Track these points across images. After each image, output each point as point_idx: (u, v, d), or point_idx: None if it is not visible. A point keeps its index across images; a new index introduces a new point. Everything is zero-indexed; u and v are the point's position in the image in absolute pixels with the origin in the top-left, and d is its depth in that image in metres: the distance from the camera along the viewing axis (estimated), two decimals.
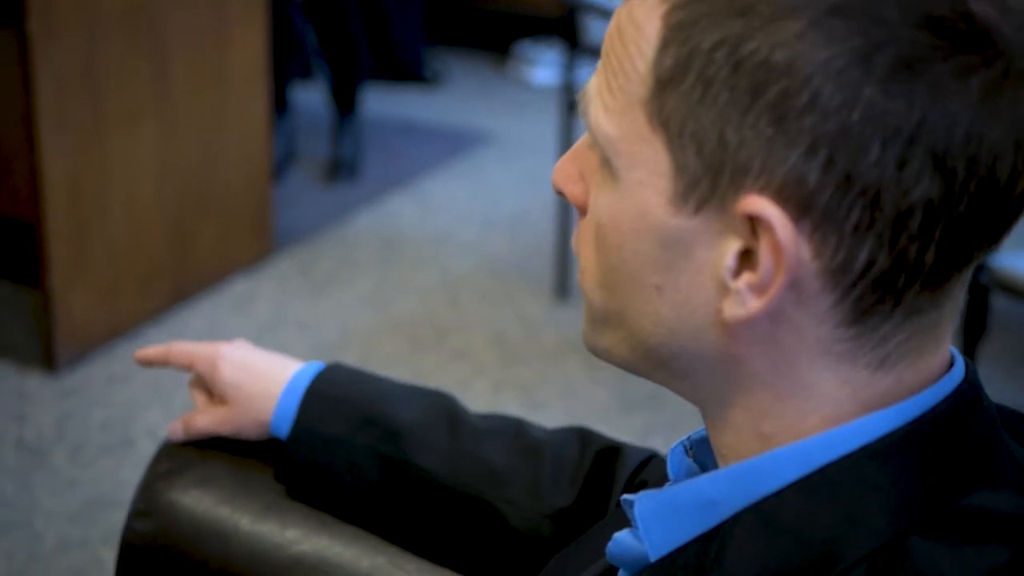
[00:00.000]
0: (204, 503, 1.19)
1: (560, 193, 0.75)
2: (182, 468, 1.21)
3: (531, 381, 2.86)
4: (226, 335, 3.00)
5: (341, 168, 3.96)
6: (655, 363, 0.72)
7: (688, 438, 0.79)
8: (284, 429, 1.15)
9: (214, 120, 3.16)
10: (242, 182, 3.29)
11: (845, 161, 0.62)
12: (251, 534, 1.17)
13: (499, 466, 1.11)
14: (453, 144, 4.34)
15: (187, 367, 1.22)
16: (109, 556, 1.54)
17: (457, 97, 4.82)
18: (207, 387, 1.21)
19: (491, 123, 4.50)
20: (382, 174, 4.03)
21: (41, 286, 2.81)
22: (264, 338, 2.97)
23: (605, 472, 1.09)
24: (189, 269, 3.16)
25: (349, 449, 1.13)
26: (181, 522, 1.19)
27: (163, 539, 1.19)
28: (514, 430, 1.13)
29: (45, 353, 2.84)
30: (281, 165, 3.89)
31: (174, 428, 1.22)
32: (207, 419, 1.19)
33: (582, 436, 1.13)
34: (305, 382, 1.15)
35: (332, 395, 1.14)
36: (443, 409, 1.14)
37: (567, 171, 0.74)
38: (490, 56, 5.30)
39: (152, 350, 1.24)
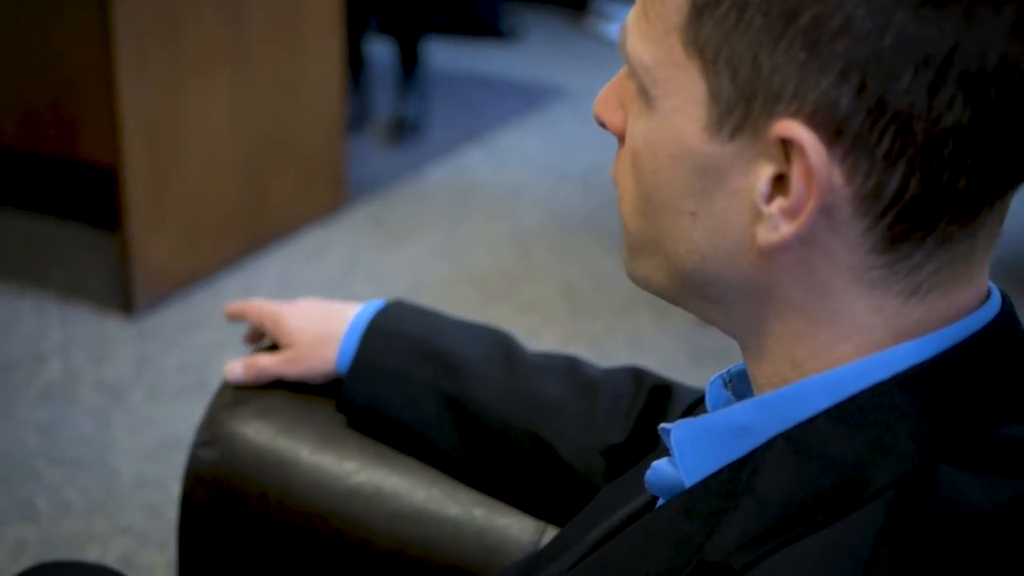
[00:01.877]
0: (265, 434, 1.22)
1: (600, 122, 0.77)
2: (245, 400, 1.25)
3: (600, 333, 2.88)
4: (299, 284, 3.06)
5: (404, 127, 3.94)
6: (690, 289, 0.73)
7: (727, 371, 0.80)
8: (346, 364, 1.18)
9: (289, 70, 3.19)
10: (316, 133, 3.33)
11: (877, 87, 0.63)
12: (310, 465, 1.21)
13: (554, 402, 1.13)
14: (528, 98, 4.35)
15: (257, 323, 1.26)
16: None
17: (533, 52, 4.83)
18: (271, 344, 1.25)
19: (566, 78, 4.50)
20: (456, 128, 4.05)
21: (120, 232, 2.87)
22: (336, 289, 3.01)
23: (658, 409, 1.10)
24: (264, 218, 3.20)
25: (407, 382, 1.16)
26: (243, 452, 1.22)
27: (226, 468, 1.23)
28: (569, 367, 1.15)
29: (124, 297, 2.90)
30: (356, 120, 3.91)
31: (232, 368, 1.25)
32: (272, 361, 1.23)
33: (636, 374, 1.14)
34: (367, 318, 1.18)
35: (392, 330, 1.17)
36: (500, 345, 1.17)
37: (606, 100, 0.76)
38: (566, 11, 5.29)
39: (235, 305, 1.29)
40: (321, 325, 1.21)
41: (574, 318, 2.95)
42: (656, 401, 1.10)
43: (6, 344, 2.76)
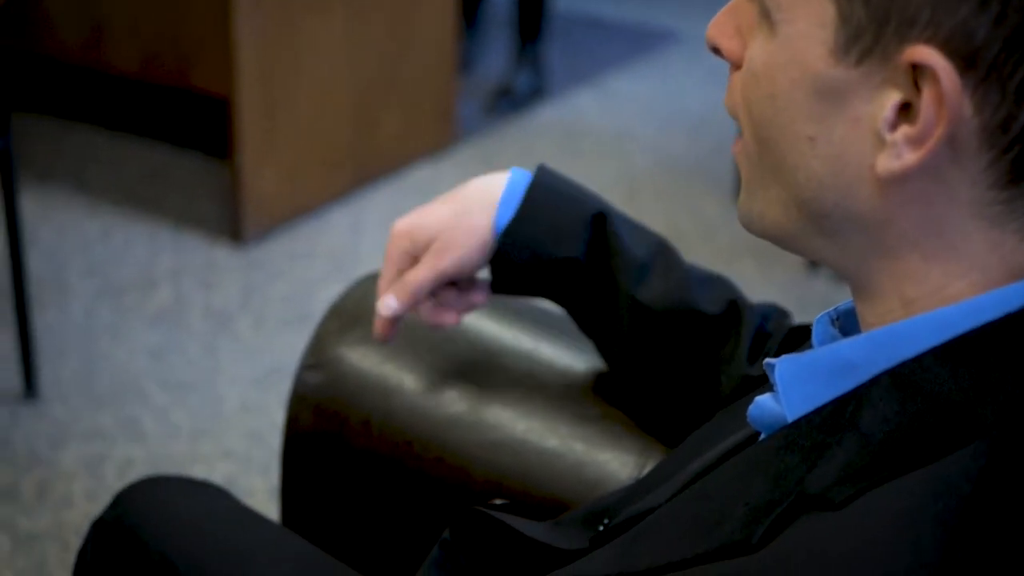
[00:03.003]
0: (370, 359, 1.24)
1: (715, 49, 0.76)
2: (350, 326, 1.26)
3: None
4: None
5: (510, 95, 3.78)
6: (806, 222, 0.72)
7: (835, 309, 0.80)
8: (506, 218, 1.13)
9: (404, 7, 3.20)
10: (428, 71, 3.34)
11: (1016, 17, 0.62)
12: (412, 391, 1.22)
13: (706, 315, 1.12)
14: (640, 42, 4.32)
15: (398, 255, 1.16)
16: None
17: None
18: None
19: (679, 22, 4.45)
20: (567, 69, 4.03)
21: (231, 162, 2.91)
22: None
23: (793, 349, 1.09)
24: (373, 153, 3.22)
25: (568, 245, 1.12)
26: (347, 377, 1.24)
27: (330, 392, 1.24)
28: (725, 287, 1.14)
29: (233, 226, 2.94)
30: (469, 61, 3.89)
31: (386, 304, 1.15)
32: (419, 268, 1.14)
33: (781, 313, 1.13)
34: (526, 176, 1.14)
35: (558, 189, 1.13)
36: (659, 239, 1.15)
37: (723, 26, 0.75)
38: None
39: (402, 299, 1.15)
40: (450, 205, 1.14)
41: None
42: (792, 342, 1.10)
43: (120, 268, 2.82)
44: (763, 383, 1.07)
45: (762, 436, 0.79)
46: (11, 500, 2.14)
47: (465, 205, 1.14)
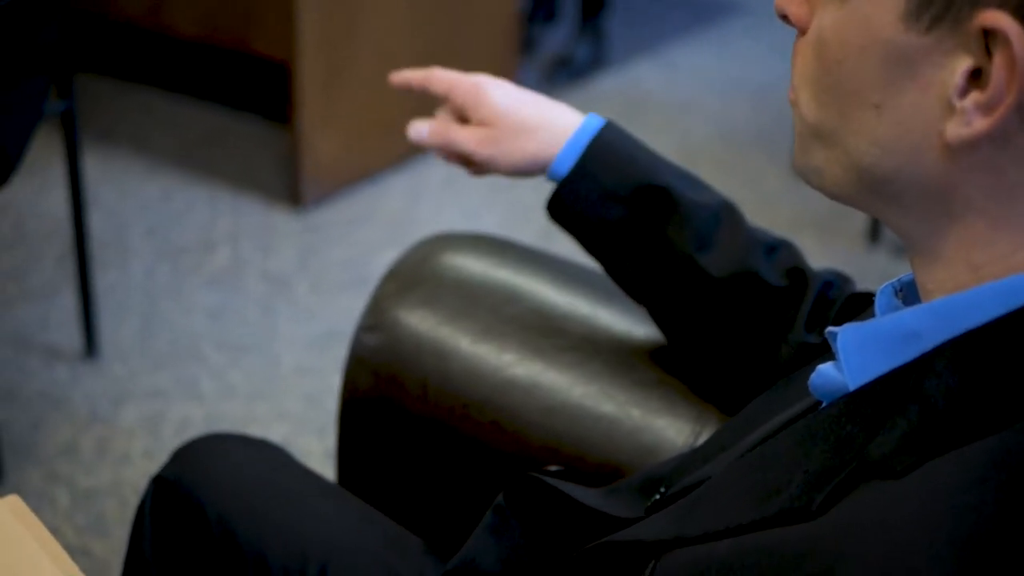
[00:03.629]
0: (427, 322, 1.24)
1: (783, 16, 0.75)
2: (408, 288, 1.27)
3: None
4: (463, 188, 3.08)
5: (570, 65, 3.75)
6: (867, 186, 0.72)
7: (899, 279, 0.79)
8: (565, 167, 1.13)
9: None
10: (489, 39, 3.33)
11: None
12: (469, 355, 1.22)
13: (766, 282, 1.11)
14: (703, 12, 4.29)
15: (444, 93, 1.18)
16: (340, 384, 1.61)
17: None
18: (462, 118, 1.18)
19: None
20: (628, 39, 4.01)
21: (291, 126, 2.92)
22: (500, 194, 3.02)
23: (853, 316, 1.08)
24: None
25: (624, 208, 1.12)
26: (404, 338, 1.24)
27: (387, 354, 1.25)
28: (789, 253, 1.13)
29: (292, 191, 2.95)
30: (532, 25, 3.88)
31: (417, 128, 1.18)
32: (465, 134, 1.15)
33: (844, 279, 1.13)
34: (592, 131, 1.14)
35: (619, 149, 1.13)
36: (724, 203, 1.14)
37: None
38: None
39: (411, 72, 1.21)
40: (531, 117, 1.14)
41: None
42: (852, 309, 1.09)
43: (180, 230, 2.84)
44: (822, 351, 1.07)
45: (823, 404, 0.79)
46: (71, 457, 2.17)
47: (541, 125, 1.13)
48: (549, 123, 1.14)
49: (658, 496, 0.89)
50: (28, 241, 2.76)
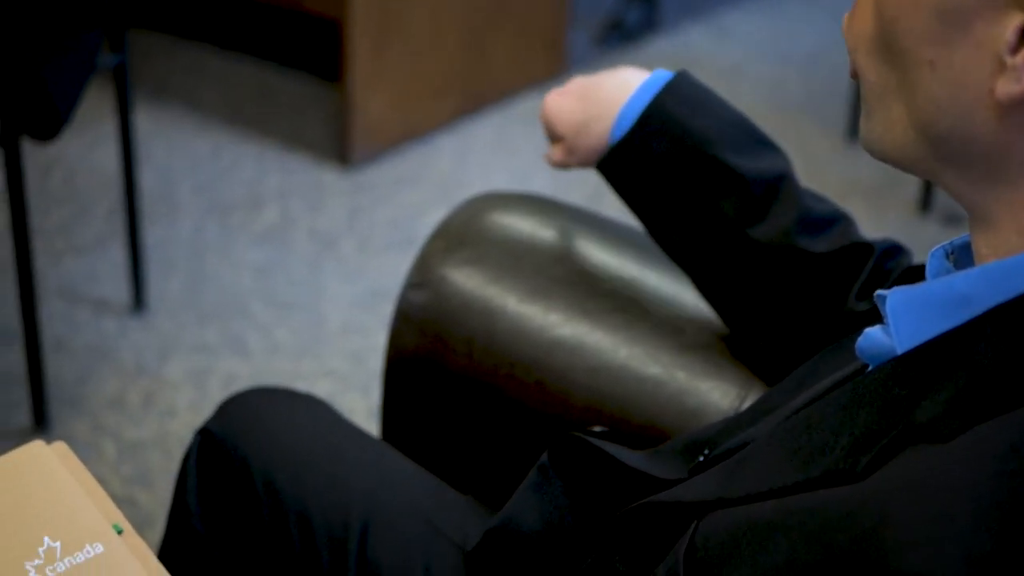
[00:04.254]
0: (474, 280, 1.24)
1: None
2: (456, 246, 1.27)
3: None
4: (514, 148, 3.07)
5: (621, 28, 3.73)
6: (924, 147, 0.71)
7: (951, 242, 0.78)
8: (620, 132, 1.14)
9: None
10: (540, 0, 3.31)
11: None
12: (516, 314, 1.22)
13: (814, 252, 1.10)
14: None
15: (550, 133, 1.22)
16: (385, 343, 1.61)
17: None
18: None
19: None
20: (680, 3, 3.98)
21: (341, 84, 2.92)
22: None
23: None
24: (482, 80, 3.22)
25: (673, 176, 1.12)
26: (451, 296, 1.24)
27: (434, 311, 1.25)
28: (843, 226, 1.13)
29: (341, 149, 2.96)
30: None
31: (549, 155, 1.22)
32: (559, 154, 1.20)
33: (902, 251, 1.12)
34: (651, 93, 1.14)
35: (675, 115, 1.13)
36: (779, 171, 1.13)
37: None
38: None
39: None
40: (581, 110, 1.17)
41: None
42: (907, 281, 1.07)
43: (228, 187, 2.85)
44: (870, 320, 1.06)
45: (870, 368, 0.78)
46: (118, 409, 2.19)
47: (594, 109, 1.16)
48: (601, 105, 1.15)
49: (701, 458, 0.89)
50: (78, 195, 2.78)
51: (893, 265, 1.10)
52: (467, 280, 1.24)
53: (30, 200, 2.31)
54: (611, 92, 1.16)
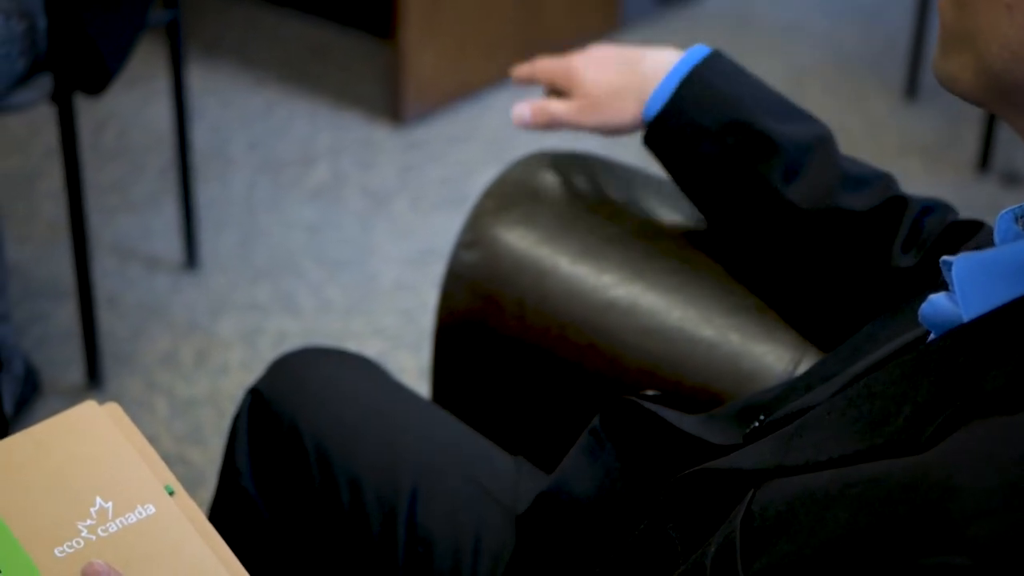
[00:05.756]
0: (526, 240, 1.23)
1: None
2: (508, 206, 1.25)
3: None
4: None
5: None
6: (998, 92, 0.70)
7: (1021, 205, 0.76)
8: (655, 110, 1.16)
9: None
10: None
11: None
12: (568, 275, 1.21)
13: (857, 210, 1.09)
14: None
15: (547, 82, 1.24)
16: (436, 301, 1.60)
17: None
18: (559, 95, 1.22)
19: None
20: None
21: (394, 41, 2.90)
22: None
23: (956, 243, 1.05)
24: (535, 37, 3.19)
25: (713, 143, 1.12)
26: (503, 256, 1.23)
27: (485, 270, 1.24)
28: (883, 182, 1.12)
29: (393, 107, 2.94)
30: None
31: (520, 112, 1.23)
32: (565, 108, 1.20)
33: (944, 208, 1.10)
34: (688, 66, 1.15)
35: (711, 84, 1.14)
36: (818, 136, 1.13)
37: None
38: None
39: (522, 68, 1.26)
40: (620, 76, 1.18)
41: None
42: (954, 236, 1.06)
43: (280, 144, 2.84)
44: (922, 279, 1.04)
45: (932, 335, 0.76)
46: (170, 366, 2.20)
47: (630, 82, 1.16)
48: (641, 77, 1.16)
49: (757, 424, 0.87)
50: (131, 152, 2.79)
51: (935, 221, 1.08)
52: (519, 240, 1.23)
53: (84, 156, 2.32)
54: (652, 64, 1.17)
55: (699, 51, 1.16)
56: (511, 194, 1.26)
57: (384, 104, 2.98)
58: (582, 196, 1.26)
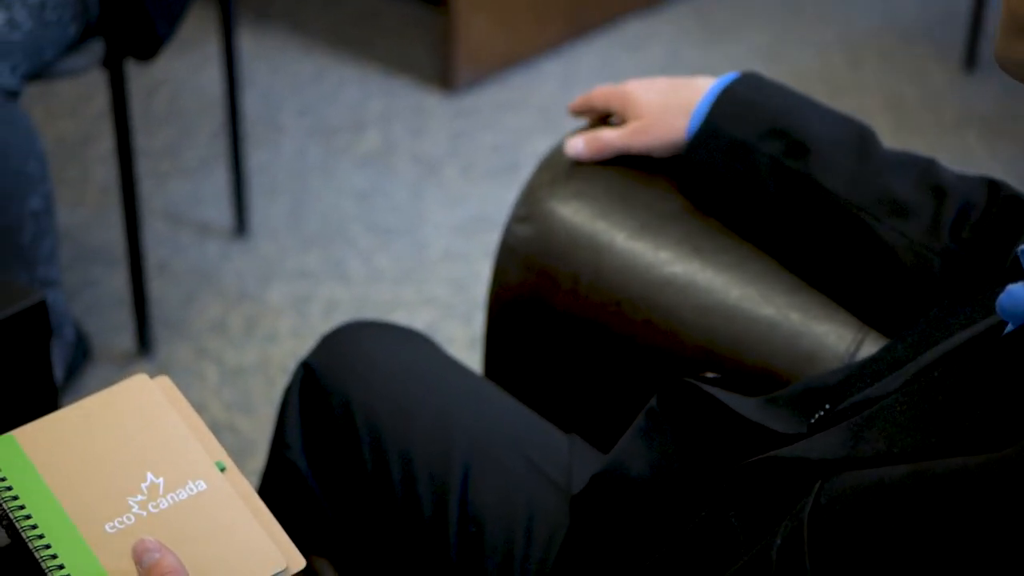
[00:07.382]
0: (581, 215, 1.21)
1: None
2: (563, 180, 1.23)
3: (924, 151, 2.74)
4: (618, 74, 3.01)
5: None
6: None
7: None
8: (693, 129, 1.16)
9: None
10: None
11: None
12: (625, 251, 1.19)
13: (900, 197, 1.08)
14: None
15: (603, 108, 1.25)
16: (487, 271, 1.59)
17: None
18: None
19: None
20: None
21: (446, 8, 2.88)
22: None
23: (1010, 222, 1.03)
24: (586, 4, 3.15)
25: (751, 154, 1.12)
26: (558, 231, 1.21)
27: (539, 245, 1.22)
28: (925, 167, 1.10)
29: (444, 74, 2.92)
30: None
31: (574, 143, 1.23)
32: (616, 134, 1.21)
33: (993, 185, 1.08)
34: (722, 84, 1.16)
35: (745, 98, 1.15)
36: (856, 134, 1.12)
37: None
38: None
39: (578, 100, 1.28)
40: (670, 96, 1.19)
41: (897, 132, 2.81)
42: (1009, 214, 1.03)
43: (331, 111, 2.83)
44: (977, 262, 1.02)
45: (1010, 326, 0.74)
46: (220, 333, 2.20)
47: (674, 102, 1.18)
48: (687, 92, 1.18)
49: (822, 413, 0.85)
50: (182, 118, 2.78)
51: (984, 199, 1.06)
52: (574, 214, 1.21)
53: (134, 122, 2.31)
54: (700, 83, 1.18)
55: (730, 76, 1.18)
56: (566, 167, 1.24)
57: (435, 71, 2.96)
58: (638, 169, 1.23)
